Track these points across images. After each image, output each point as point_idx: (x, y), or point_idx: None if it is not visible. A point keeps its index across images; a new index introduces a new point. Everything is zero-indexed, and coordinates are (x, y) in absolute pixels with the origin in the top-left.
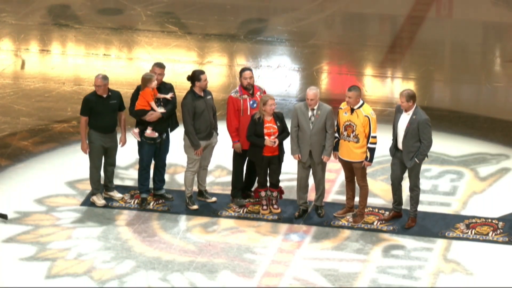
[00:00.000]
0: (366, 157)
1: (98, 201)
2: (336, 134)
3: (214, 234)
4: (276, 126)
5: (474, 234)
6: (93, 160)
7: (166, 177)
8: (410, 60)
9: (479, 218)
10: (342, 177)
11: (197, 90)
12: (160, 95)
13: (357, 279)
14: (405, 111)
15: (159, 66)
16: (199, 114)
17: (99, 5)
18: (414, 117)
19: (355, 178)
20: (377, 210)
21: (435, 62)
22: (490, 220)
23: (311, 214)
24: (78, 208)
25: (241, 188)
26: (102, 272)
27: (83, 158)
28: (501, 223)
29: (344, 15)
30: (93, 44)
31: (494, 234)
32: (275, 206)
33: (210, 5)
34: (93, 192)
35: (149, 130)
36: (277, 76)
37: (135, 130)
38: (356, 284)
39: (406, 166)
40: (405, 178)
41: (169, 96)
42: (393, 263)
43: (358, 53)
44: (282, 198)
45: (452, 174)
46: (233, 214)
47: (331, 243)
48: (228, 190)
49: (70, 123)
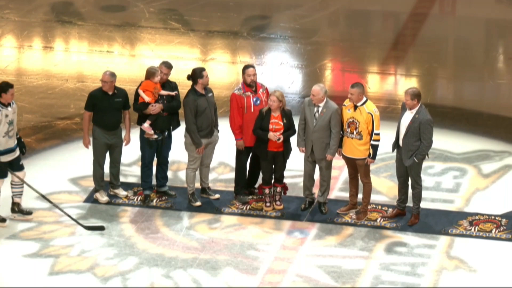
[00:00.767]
0: (369, 154)
1: (102, 198)
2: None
3: (217, 231)
4: (282, 123)
5: (477, 231)
6: (96, 156)
7: (169, 174)
8: (413, 57)
9: (482, 215)
10: (345, 174)
11: (198, 88)
12: (163, 92)
13: (360, 276)
14: (409, 109)
15: (167, 66)
16: (201, 112)
17: (102, 2)
18: (417, 116)
19: (359, 175)
20: (380, 207)
21: (438, 59)
22: (493, 217)
23: (315, 211)
24: (81, 204)
25: (244, 185)
26: (105, 268)
27: (86, 155)
28: (504, 220)
29: (347, 12)
30: (96, 41)
31: (497, 231)
32: (278, 203)
33: (213, 2)
34: (96, 189)
35: (146, 124)
36: (280, 73)
37: (146, 125)
38: (359, 281)
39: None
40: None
41: (173, 93)
42: (396, 260)
43: (361, 50)
44: (286, 194)
45: (455, 171)
46: (236, 211)
47: (334, 240)
48: (231, 187)
49: (73, 120)
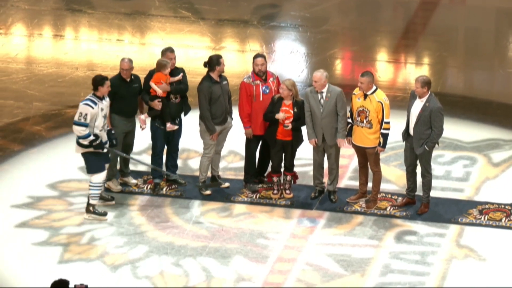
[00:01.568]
0: (379, 142)
1: (115, 186)
2: (349, 120)
3: (227, 219)
4: (292, 112)
5: (487, 220)
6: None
7: (179, 162)
8: (424, 46)
9: (492, 204)
10: (355, 162)
11: (214, 75)
12: (172, 79)
13: (369, 265)
14: (419, 98)
15: (172, 50)
16: (215, 99)
17: None
18: (427, 104)
19: (368, 163)
20: (390, 196)
21: (449, 48)
22: (503, 206)
23: (324, 199)
24: None
25: (254, 173)
26: (115, 257)
27: None
28: None
29: (357, 1)
30: (106, 29)
31: (507, 220)
32: (288, 191)
33: None
34: (109, 177)
35: (143, 116)
36: (290, 61)
37: (142, 117)
38: (369, 269)
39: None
40: (418, 163)
41: (179, 76)
42: (406, 249)
43: (371, 38)
44: (296, 183)
45: (465, 160)
46: (246, 199)
47: (344, 229)
48: (241, 176)
49: None
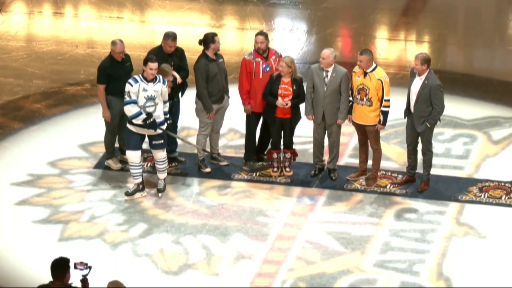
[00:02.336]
0: (380, 120)
1: (115, 165)
2: (350, 98)
3: (226, 197)
4: (291, 89)
5: (487, 197)
6: (111, 126)
7: (178, 140)
8: (424, 23)
9: (492, 181)
10: (355, 140)
11: (210, 53)
12: (174, 74)
13: (369, 242)
14: (418, 75)
15: (174, 38)
16: (212, 77)
17: None
18: (426, 82)
19: (369, 141)
20: (390, 174)
21: (449, 26)
22: (503, 183)
23: (324, 177)
24: (91, 171)
25: (254, 151)
26: (115, 234)
27: (96, 121)
28: None
29: None
30: (106, 6)
31: (507, 197)
32: (288, 169)
33: None
34: (108, 156)
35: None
36: (290, 39)
37: None
38: (368, 247)
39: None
40: (419, 141)
41: (179, 79)
42: (405, 227)
43: (371, 16)
44: (296, 161)
45: (465, 137)
46: (245, 177)
47: (344, 206)
48: (241, 153)
49: (83, 86)
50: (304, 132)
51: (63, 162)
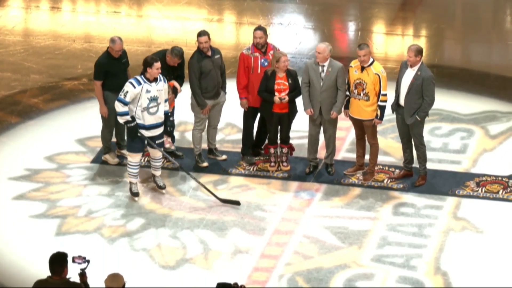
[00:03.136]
0: (377, 115)
1: (112, 159)
2: (346, 92)
3: (224, 192)
4: (287, 83)
5: (484, 192)
6: (108, 121)
7: (176, 135)
8: (421, 17)
9: (490, 176)
10: (352, 135)
11: (203, 50)
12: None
13: (367, 237)
14: (410, 67)
15: (181, 57)
16: (206, 73)
17: None
18: (419, 73)
19: (366, 136)
20: (387, 168)
21: (446, 20)
22: (500, 178)
23: (321, 172)
24: (88, 165)
25: (251, 146)
26: (112, 229)
27: (94, 116)
28: (511, 181)
29: None
30: (103, 1)
31: (504, 192)
32: (285, 164)
33: None
34: (106, 150)
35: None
36: (287, 33)
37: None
38: (366, 241)
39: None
40: None
41: (179, 89)
42: (403, 221)
43: (369, 10)
44: (293, 155)
45: (462, 132)
46: (243, 172)
47: (341, 201)
48: (238, 148)
49: (81, 81)
50: (301, 126)
51: (61, 157)
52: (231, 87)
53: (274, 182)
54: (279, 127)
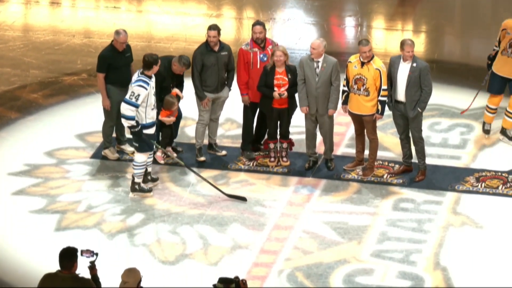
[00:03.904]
0: (377, 110)
1: (112, 154)
2: (345, 88)
3: (224, 187)
4: (286, 79)
5: (484, 187)
6: (110, 115)
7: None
8: (421, 13)
9: (489, 171)
10: (351, 130)
11: (209, 45)
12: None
13: (366, 232)
14: (404, 60)
15: (188, 66)
16: (208, 67)
17: None
18: (414, 65)
19: (365, 131)
20: (387, 164)
21: (446, 15)
22: (500, 173)
23: (321, 167)
24: (88, 160)
25: (251, 141)
26: (111, 224)
27: (93, 111)
28: (511, 177)
29: None
30: None
31: (504, 187)
32: (285, 159)
33: None
34: (106, 146)
35: (159, 153)
36: (287, 29)
37: (158, 154)
38: (365, 237)
39: (408, 117)
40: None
41: (181, 95)
42: (402, 216)
43: (368, 6)
44: (292, 150)
45: (462, 127)
46: (243, 167)
47: (341, 196)
48: (238, 143)
49: (80, 76)
50: (300, 122)
51: (60, 152)
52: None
53: (273, 177)
54: (279, 122)
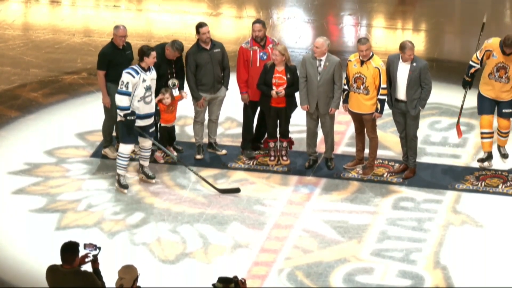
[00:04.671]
0: (377, 108)
1: (112, 153)
2: (345, 86)
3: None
4: (285, 78)
5: (484, 186)
6: (110, 112)
7: (176, 128)
8: (420, 11)
9: (489, 170)
10: (352, 129)
11: (201, 42)
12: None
13: (366, 231)
14: (403, 61)
15: (181, 51)
16: (202, 66)
17: None
18: (414, 64)
19: (365, 130)
20: (387, 162)
21: (446, 14)
22: (500, 172)
23: (321, 166)
24: (88, 159)
25: (251, 140)
26: (112, 223)
27: (93, 110)
28: (511, 175)
29: None
30: None
31: (504, 186)
32: (285, 158)
33: None
34: (105, 144)
35: (158, 153)
36: (287, 27)
37: (158, 154)
38: (365, 235)
39: (408, 116)
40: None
41: (185, 96)
42: (402, 215)
43: (368, 4)
44: (292, 149)
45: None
46: (242, 166)
47: (341, 195)
48: (238, 142)
49: (80, 75)
50: (300, 121)
51: (60, 151)
52: (231, 81)
53: (273, 176)
54: (278, 121)
